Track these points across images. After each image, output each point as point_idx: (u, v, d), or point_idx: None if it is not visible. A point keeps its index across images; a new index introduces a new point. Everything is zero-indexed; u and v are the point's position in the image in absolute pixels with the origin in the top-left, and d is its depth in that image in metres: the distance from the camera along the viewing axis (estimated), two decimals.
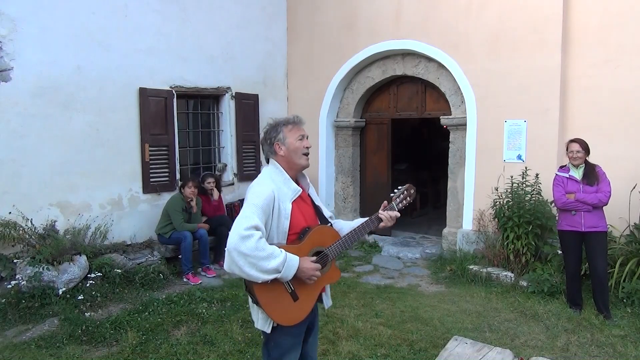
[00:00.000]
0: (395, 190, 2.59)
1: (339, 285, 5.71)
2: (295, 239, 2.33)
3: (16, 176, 5.15)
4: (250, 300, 2.38)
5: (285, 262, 2.14)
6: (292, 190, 2.34)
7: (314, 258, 2.30)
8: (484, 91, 6.36)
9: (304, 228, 2.35)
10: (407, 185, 2.63)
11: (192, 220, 6.12)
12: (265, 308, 2.25)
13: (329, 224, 2.50)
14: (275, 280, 2.17)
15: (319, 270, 2.30)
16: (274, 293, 2.24)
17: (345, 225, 2.58)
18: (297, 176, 2.45)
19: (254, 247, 2.08)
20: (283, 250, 2.17)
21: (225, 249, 2.12)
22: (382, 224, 2.48)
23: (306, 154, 2.40)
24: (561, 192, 4.71)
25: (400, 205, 2.54)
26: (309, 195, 2.51)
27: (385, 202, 2.55)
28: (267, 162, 2.45)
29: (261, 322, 2.35)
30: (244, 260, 2.08)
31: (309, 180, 2.54)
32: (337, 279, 2.52)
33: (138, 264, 5.73)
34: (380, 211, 2.50)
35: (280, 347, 2.36)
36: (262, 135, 2.47)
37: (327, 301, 2.59)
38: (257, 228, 2.13)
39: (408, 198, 2.58)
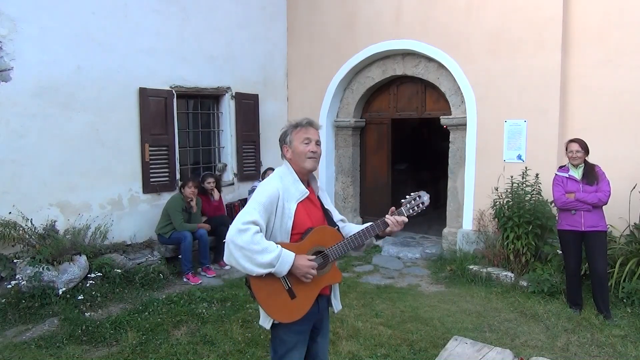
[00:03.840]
0: (407, 196, 2.51)
1: (339, 285, 5.71)
2: (298, 239, 2.34)
3: (16, 176, 5.15)
4: (250, 296, 2.40)
5: (280, 256, 2.18)
6: (299, 191, 2.38)
7: (312, 257, 2.30)
8: (484, 91, 6.36)
9: (308, 228, 2.36)
10: (420, 191, 2.53)
11: (192, 220, 6.12)
12: (261, 303, 2.29)
13: (336, 227, 2.49)
14: (271, 275, 2.21)
15: (318, 269, 2.31)
16: (270, 289, 2.27)
17: (354, 229, 2.56)
18: (308, 178, 2.49)
19: (250, 240, 2.15)
20: (279, 246, 2.21)
21: (224, 241, 2.19)
22: (388, 229, 2.43)
23: (311, 158, 2.39)
24: (561, 191, 4.72)
25: (410, 211, 2.47)
26: (319, 198, 2.53)
27: (393, 207, 2.48)
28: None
29: (262, 319, 2.40)
30: (239, 253, 2.16)
31: (319, 184, 2.57)
32: (339, 280, 2.52)
33: (138, 264, 5.73)
34: (387, 216, 2.45)
35: (284, 343, 2.38)
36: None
37: (337, 305, 2.61)
38: (255, 223, 2.19)
39: (421, 205, 2.49)
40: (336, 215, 2.59)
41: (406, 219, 2.46)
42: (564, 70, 5.85)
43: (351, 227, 2.60)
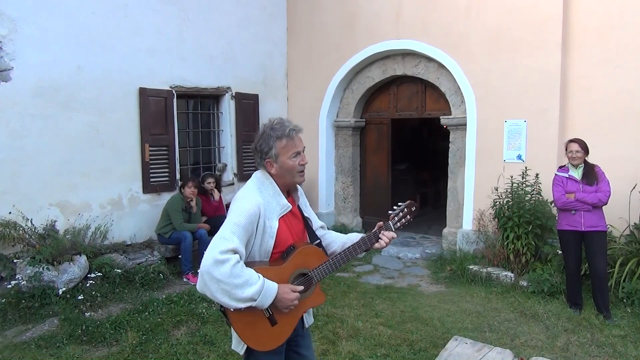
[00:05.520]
0: (395, 208, 2.38)
1: (339, 285, 5.72)
2: (278, 257, 2.15)
3: (16, 176, 5.15)
4: (225, 322, 2.24)
5: (262, 290, 1.96)
6: (281, 206, 2.15)
7: (299, 288, 2.12)
8: (484, 91, 6.36)
9: (290, 246, 2.16)
10: (407, 202, 2.41)
11: (192, 220, 6.12)
12: (238, 332, 2.09)
13: (318, 240, 2.31)
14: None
15: (301, 293, 2.14)
16: (250, 318, 2.06)
17: (336, 240, 2.41)
18: (290, 188, 2.27)
19: (229, 273, 1.90)
20: (261, 276, 1.99)
21: (199, 270, 1.95)
22: (377, 245, 2.28)
23: (301, 172, 2.18)
24: (561, 191, 4.71)
25: (398, 224, 2.34)
26: (299, 207, 2.31)
27: (381, 222, 2.35)
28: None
29: (234, 343, 2.22)
30: (216, 286, 1.91)
31: (299, 191, 2.34)
32: (322, 302, 2.32)
33: (138, 264, 5.74)
34: (376, 230, 2.32)
35: None
36: (254, 141, 2.22)
37: (308, 319, 2.42)
38: (234, 251, 1.95)
39: (408, 216, 2.37)
40: (315, 223, 2.39)
41: (395, 235, 2.32)
42: (564, 70, 5.85)
43: (332, 236, 2.44)
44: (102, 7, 5.74)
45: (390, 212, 2.38)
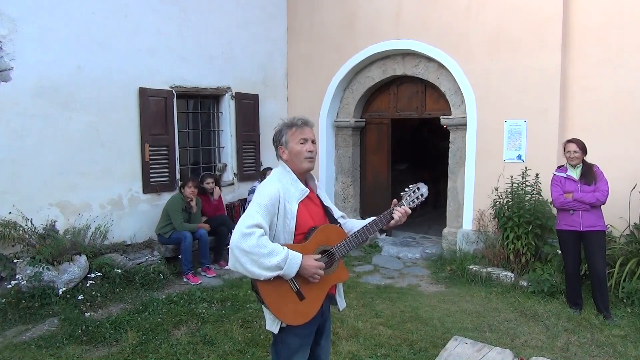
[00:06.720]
0: (406, 189, 2.56)
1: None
2: (302, 239, 2.32)
3: (16, 176, 5.15)
4: (257, 300, 2.38)
5: (287, 258, 2.14)
6: (299, 190, 2.34)
7: (318, 256, 2.28)
8: (484, 91, 6.37)
9: (311, 228, 2.34)
10: (419, 183, 2.59)
11: (192, 220, 6.12)
12: (270, 307, 2.23)
13: (338, 224, 2.48)
14: (279, 278, 2.17)
15: (325, 269, 2.29)
16: (278, 292, 2.22)
17: (356, 225, 2.56)
18: (305, 177, 2.45)
19: (255, 244, 2.10)
20: (285, 247, 2.18)
21: (229, 247, 2.15)
22: (392, 222, 2.46)
23: (309, 158, 2.37)
24: (559, 191, 4.71)
25: (411, 203, 2.52)
26: (318, 196, 2.50)
27: (395, 200, 2.53)
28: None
29: (269, 323, 2.35)
30: (246, 258, 2.11)
31: (317, 182, 2.54)
32: (346, 278, 2.50)
33: (138, 264, 5.74)
34: (390, 209, 2.49)
35: (288, 347, 2.35)
36: (273, 137, 2.48)
37: (341, 302, 2.59)
38: (259, 226, 2.15)
39: (420, 197, 2.55)
40: (336, 212, 2.57)
41: (409, 210, 2.49)
42: (564, 70, 5.85)
43: (353, 223, 2.59)
44: (102, 7, 5.74)
45: (402, 192, 2.57)
